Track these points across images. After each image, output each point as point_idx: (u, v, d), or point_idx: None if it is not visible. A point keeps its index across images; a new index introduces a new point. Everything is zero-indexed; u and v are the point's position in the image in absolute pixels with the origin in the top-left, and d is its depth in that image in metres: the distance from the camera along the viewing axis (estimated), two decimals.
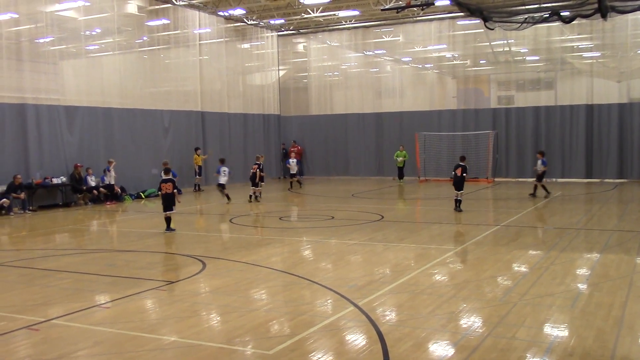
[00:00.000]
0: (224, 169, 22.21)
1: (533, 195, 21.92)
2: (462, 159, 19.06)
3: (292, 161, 26.63)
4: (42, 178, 21.81)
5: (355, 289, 9.55)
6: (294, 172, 27.36)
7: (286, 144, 35.68)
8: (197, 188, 27.68)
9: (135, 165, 25.14)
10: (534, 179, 22.61)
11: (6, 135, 21.00)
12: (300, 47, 36.59)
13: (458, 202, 18.69)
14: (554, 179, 29.21)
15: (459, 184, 18.51)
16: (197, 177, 27.68)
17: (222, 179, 22.11)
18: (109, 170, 23.15)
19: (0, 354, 7.04)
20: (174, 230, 15.80)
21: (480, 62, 33.27)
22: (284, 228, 16.76)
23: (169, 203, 15.73)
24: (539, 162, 22.03)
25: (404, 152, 30.20)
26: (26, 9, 21.95)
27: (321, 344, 7.14)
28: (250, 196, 22.57)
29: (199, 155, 27.72)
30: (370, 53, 34.50)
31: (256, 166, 22.64)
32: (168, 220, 15.89)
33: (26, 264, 12.13)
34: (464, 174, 18.42)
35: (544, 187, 21.85)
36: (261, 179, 22.63)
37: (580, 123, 28.96)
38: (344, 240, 14.24)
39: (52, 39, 23.23)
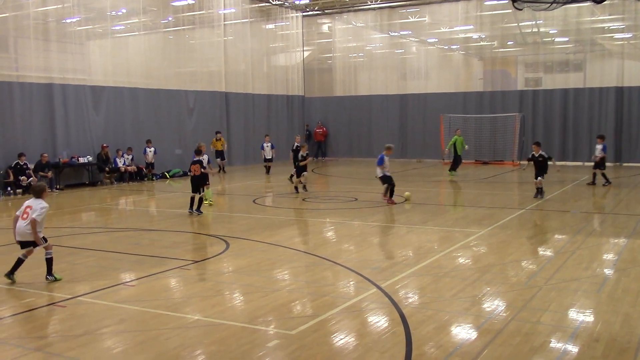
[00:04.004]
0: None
1: (592, 183, 20.23)
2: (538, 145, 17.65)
3: (267, 145, 25.75)
4: (69, 157, 22.09)
5: (378, 270, 9.53)
6: (269, 157, 25.87)
7: (310, 125, 35.65)
8: (220, 170, 27.61)
9: (160, 146, 25.29)
10: (593, 167, 20.30)
11: (33, 114, 21.27)
12: (325, 28, 36.33)
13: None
14: (581, 163, 28.81)
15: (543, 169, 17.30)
16: (219, 160, 26.68)
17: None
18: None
19: (28, 329, 7.18)
20: (201, 213, 15.49)
21: (508, 43, 32.68)
22: (307, 209, 16.77)
23: (196, 185, 15.54)
24: (599, 147, 19.86)
25: (461, 137, 25.12)
26: None
27: (343, 325, 7.15)
28: (292, 175, 22.59)
29: (217, 140, 26.76)
30: (396, 34, 34.11)
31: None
32: (195, 200, 15.55)
33: (53, 242, 12.29)
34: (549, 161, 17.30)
35: (604, 175, 20.04)
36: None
37: (609, 106, 28.37)
38: (367, 222, 14.21)
39: (78, 19, 23.38)
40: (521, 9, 21.72)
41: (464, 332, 6.87)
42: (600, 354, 6.12)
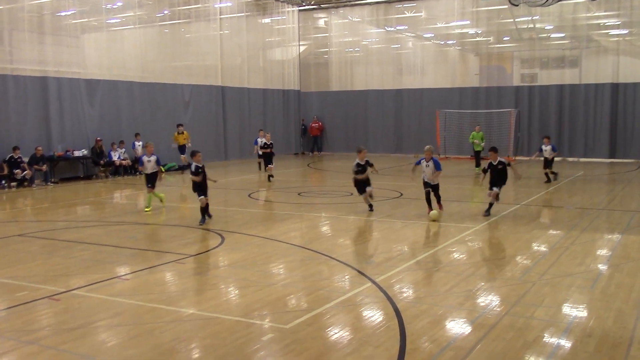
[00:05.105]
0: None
1: (549, 181, 20.29)
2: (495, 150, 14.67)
3: (261, 140, 25.25)
4: (64, 151, 22.04)
5: (372, 265, 9.55)
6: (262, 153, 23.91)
7: (306, 120, 35.63)
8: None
9: (155, 140, 25.11)
10: (544, 166, 20.21)
11: (28, 107, 21.20)
12: (321, 23, 36.27)
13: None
14: (576, 159, 28.89)
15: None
16: (183, 156, 24.52)
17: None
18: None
19: (22, 322, 7.17)
20: (208, 217, 13.69)
21: (504, 39, 32.72)
22: (303, 204, 16.78)
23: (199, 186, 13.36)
24: (548, 147, 19.93)
25: (481, 133, 24.68)
26: None
27: (338, 319, 7.16)
28: (270, 176, 22.13)
29: (179, 134, 24.71)
30: (392, 29, 34.09)
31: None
32: (203, 209, 13.45)
33: (48, 235, 12.30)
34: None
35: (553, 172, 20.24)
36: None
37: (604, 102, 28.46)
38: (362, 216, 14.22)
39: (73, 12, 23.28)
40: (517, 5, 21.77)
41: (457, 327, 6.89)
42: (593, 349, 6.16)
